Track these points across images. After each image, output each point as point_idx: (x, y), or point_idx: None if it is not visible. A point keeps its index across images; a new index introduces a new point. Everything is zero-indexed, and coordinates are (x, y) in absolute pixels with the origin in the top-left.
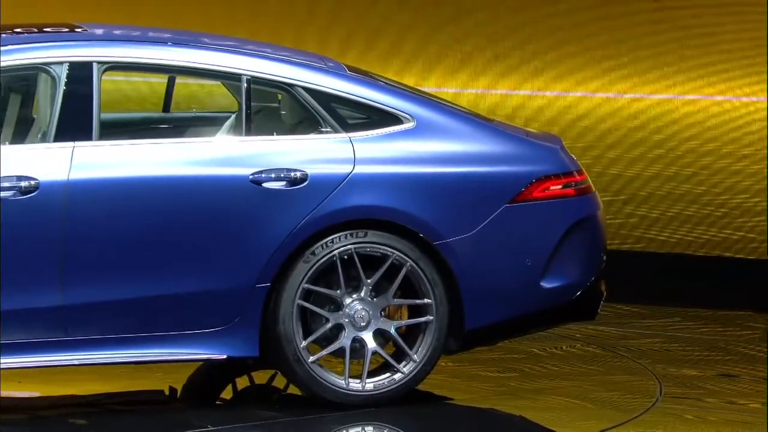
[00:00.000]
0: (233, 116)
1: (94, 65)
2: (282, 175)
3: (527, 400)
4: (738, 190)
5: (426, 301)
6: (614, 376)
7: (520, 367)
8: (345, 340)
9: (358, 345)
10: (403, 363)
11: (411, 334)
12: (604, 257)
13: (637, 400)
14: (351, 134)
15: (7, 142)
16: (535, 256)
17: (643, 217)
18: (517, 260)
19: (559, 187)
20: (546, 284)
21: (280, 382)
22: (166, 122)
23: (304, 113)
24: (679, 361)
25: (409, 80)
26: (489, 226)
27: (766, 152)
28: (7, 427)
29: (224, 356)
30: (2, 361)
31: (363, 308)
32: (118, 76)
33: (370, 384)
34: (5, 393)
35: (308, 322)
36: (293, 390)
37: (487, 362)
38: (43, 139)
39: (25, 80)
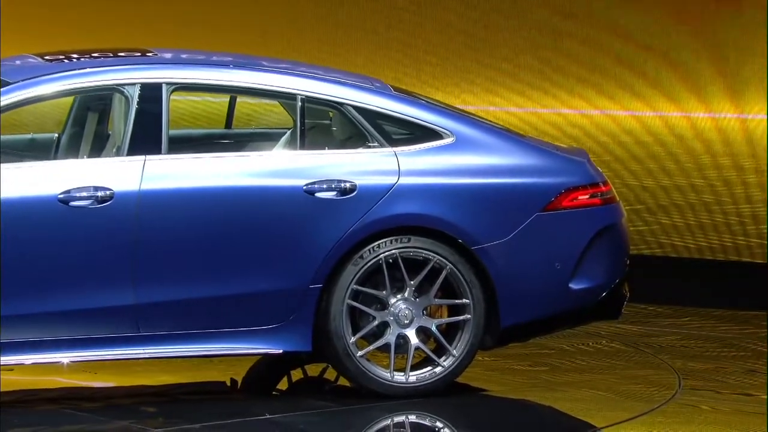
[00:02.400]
0: (288, 132)
1: (164, 86)
2: (333, 186)
3: (557, 391)
4: (755, 200)
5: (464, 301)
6: (637, 370)
7: (551, 362)
8: (390, 337)
9: (402, 341)
10: (443, 357)
11: (450, 331)
12: (628, 261)
13: (658, 392)
14: (396, 148)
15: (85, 156)
16: (564, 260)
17: (663, 225)
18: (547, 264)
19: (586, 197)
20: (574, 286)
21: (331, 374)
22: (228, 138)
23: (353, 129)
24: (696, 356)
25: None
26: (522, 232)
27: (767, 165)
28: (85, 414)
29: (280, 351)
30: (81, 354)
31: (407, 307)
32: (185, 96)
33: (413, 376)
34: (84, 383)
35: (357, 319)
36: (343, 382)
37: (520, 357)
38: (117, 153)
39: (101, 100)
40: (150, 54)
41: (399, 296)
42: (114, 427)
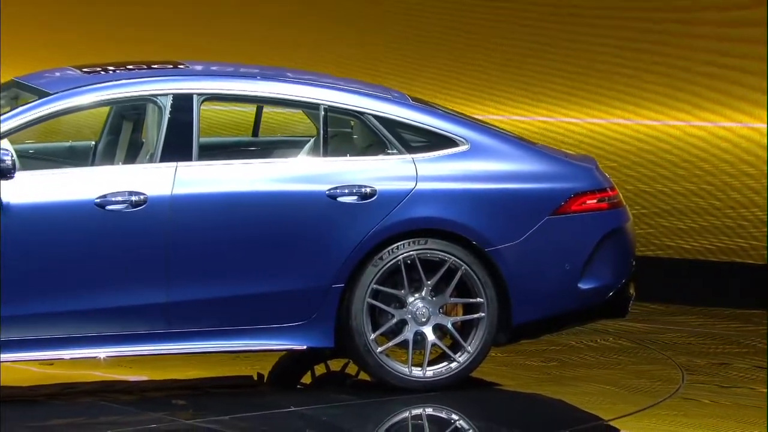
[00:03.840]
0: (312, 140)
1: (194, 96)
2: (354, 191)
3: (566, 386)
4: (758, 205)
5: (478, 300)
6: (642, 365)
7: (560, 358)
8: (408, 334)
9: (420, 338)
10: (459, 353)
11: (465, 329)
12: (634, 262)
13: (662, 386)
14: (414, 155)
15: (120, 162)
16: (574, 261)
17: (668, 228)
18: (557, 265)
19: (594, 201)
20: (583, 286)
21: (352, 369)
22: (255, 145)
23: (373, 137)
24: (699, 353)
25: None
26: (533, 235)
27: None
28: (120, 406)
29: (304, 346)
30: (117, 349)
31: (424, 306)
32: (215, 106)
33: (430, 371)
34: (118, 377)
35: (376, 317)
36: (364, 376)
37: (532, 353)
38: (151, 159)
39: (135, 109)
40: (181, 66)
41: (416, 295)
42: (147, 419)
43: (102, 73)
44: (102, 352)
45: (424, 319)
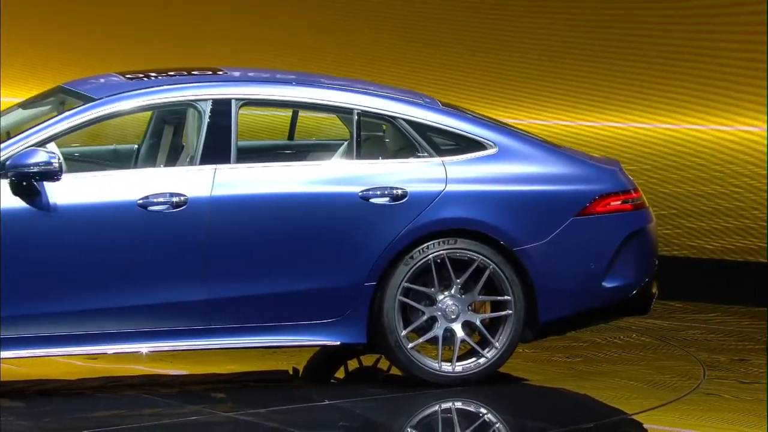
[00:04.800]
0: (345, 143)
1: (233, 101)
2: (386, 192)
3: (591, 381)
4: None
5: (506, 297)
6: (664, 361)
7: (585, 354)
8: (438, 330)
9: (449, 334)
10: (487, 349)
11: (493, 325)
12: (656, 261)
13: (684, 382)
14: (443, 158)
15: (161, 165)
16: (598, 260)
17: (690, 228)
18: (582, 264)
19: (618, 202)
20: (607, 284)
21: (384, 364)
22: (291, 148)
23: (405, 141)
24: (720, 349)
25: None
26: (559, 235)
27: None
28: (161, 399)
29: (338, 342)
30: (158, 345)
31: (453, 303)
32: (252, 111)
33: (459, 366)
34: (160, 371)
35: (407, 314)
36: (395, 371)
37: (557, 349)
38: (191, 162)
39: (176, 114)
40: (220, 72)
41: (446, 293)
42: (188, 411)
43: (144, 79)
44: (144, 347)
45: (453, 316)
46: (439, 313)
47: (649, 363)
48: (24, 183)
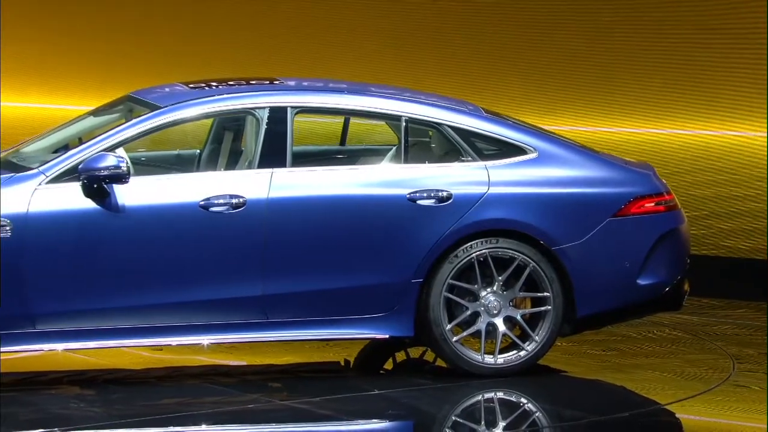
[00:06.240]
0: (394, 148)
1: (289, 109)
2: (432, 195)
3: (626, 373)
4: None
5: (545, 294)
6: (696, 355)
7: (620, 347)
8: (481, 324)
9: (491, 328)
10: (527, 343)
11: (533, 320)
12: (688, 260)
13: (714, 374)
14: (486, 162)
15: (222, 169)
16: (633, 259)
17: (720, 229)
18: (618, 262)
19: (652, 204)
20: (641, 281)
21: (429, 356)
22: (343, 153)
23: (450, 146)
24: (748, 344)
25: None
26: (596, 235)
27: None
28: (222, 388)
29: (386, 335)
30: (218, 337)
31: (495, 299)
32: (307, 118)
33: (501, 359)
34: (220, 362)
35: (452, 309)
36: (440, 363)
37: (594, 343)
38: (249, 166)
39: (236, 121)
40: (277, 82)
41: (488, 290)
42: (246, 399)
43: (206, 88)
44: (205, 340)
45: (495, 312)
46: (482, 309)
47: (681, 356)
48: (95, 185)
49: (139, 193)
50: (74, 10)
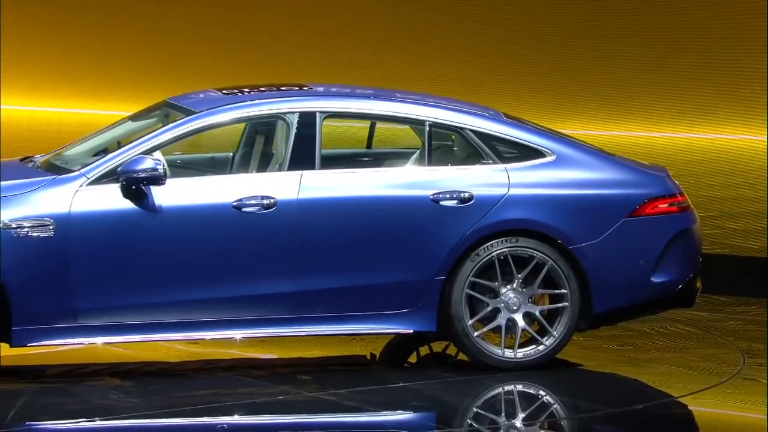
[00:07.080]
0: (418, 152)
1: (317, 114)
2: (454, 196)
3: (640, 366)
4: None
5: (563, 291)
6: (707, 349)
7: (635, 342)
8: (501, 320)
9: (511, 324)
10: (546, 338)
11: (551, 316)
12: (700, 259)
13: (725, 368)
14: (506, 165)
15: (254, 171)
16: (647, 257)
17: (731, 229)
18: (633, 261)
19: (665, 205)
20: (655, 279)
21: (452, 350)
22: (369, 156)
23: (471, 149)
24: (758, 339)
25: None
26: (611, 234)
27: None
28: (253, 380)
29: (410, 330)
30: (250, 331)
31: (515, 296)
32: (335, 122)
33: (520, 353)
34: (252, 355)
35: (473, 306)
36: (462, 357)
37: (610, 338)
38: (280, 168)
39: (267, 125)
40: (306, 88)
41: (508, 287)
42: (277, 391)
43: (239, 94)
44: (238, 334)
45: (515, 308)
46: (502, 305)
47: (694, 351)
48: (133, 187)
49: (174, 194)
50: (72, 11)
